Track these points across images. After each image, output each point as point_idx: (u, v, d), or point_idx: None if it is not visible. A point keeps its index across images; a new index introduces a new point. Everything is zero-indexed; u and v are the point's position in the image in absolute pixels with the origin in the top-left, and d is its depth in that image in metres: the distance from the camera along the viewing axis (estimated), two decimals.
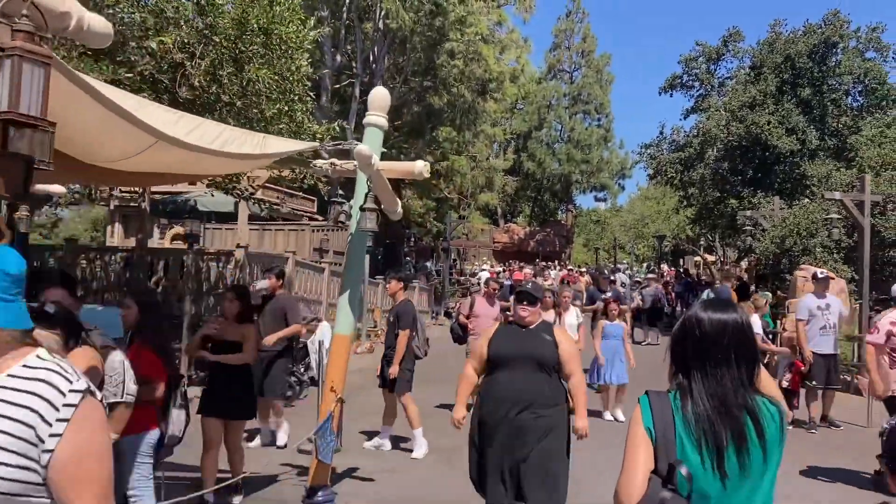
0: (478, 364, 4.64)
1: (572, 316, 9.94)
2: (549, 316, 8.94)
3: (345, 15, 21.85)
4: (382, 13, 20.68)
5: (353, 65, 21.93)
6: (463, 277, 33.81)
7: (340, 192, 10.89)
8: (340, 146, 5.30)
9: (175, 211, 17.03)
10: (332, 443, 5.10)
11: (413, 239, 39.80)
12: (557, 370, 4.51)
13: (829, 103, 22.74)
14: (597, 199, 54.09)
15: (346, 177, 5.71)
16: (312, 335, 12.31)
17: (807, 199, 18.05)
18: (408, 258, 37.39)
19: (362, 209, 5.11)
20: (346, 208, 5.41)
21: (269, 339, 7.19)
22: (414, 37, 19.75)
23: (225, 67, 9.10)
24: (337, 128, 12.52)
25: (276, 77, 9.67)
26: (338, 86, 23.15)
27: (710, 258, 41.01)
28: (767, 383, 2.80)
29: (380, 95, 5.41)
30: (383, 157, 5.31)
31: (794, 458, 6.68)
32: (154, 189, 18.90)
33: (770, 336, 11.19)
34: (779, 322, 12.06)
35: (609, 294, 13.39)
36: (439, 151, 25.88)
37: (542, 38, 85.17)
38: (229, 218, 16.72)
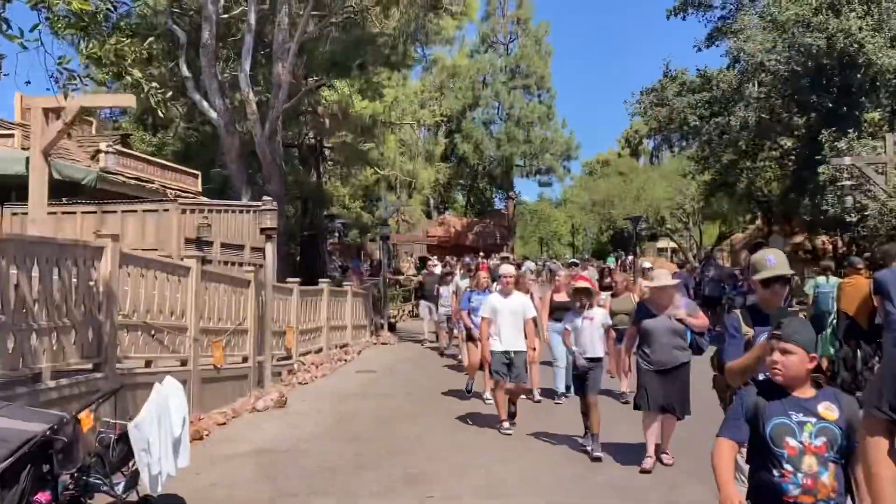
0: None
1: None
2: None
3: None
4: None
5: None
6: (402, 276, 27.60)
7: None
8: None
9: None
10: None
11: (339, 234, 33.62)
12: None
13: None
14: (541, 184, 48.99)
15: None
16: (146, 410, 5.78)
17: None
18: (333, 256, 31.15)
19: None
20: None
21: None
22: None
23: None
24: None
25: None
26: (226, 16, 16.47)
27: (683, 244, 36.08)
28: None
29: None
30: None
31: None
32: None
33: None
34: None
35: None
36: (368, 106, 19.42)
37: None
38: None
